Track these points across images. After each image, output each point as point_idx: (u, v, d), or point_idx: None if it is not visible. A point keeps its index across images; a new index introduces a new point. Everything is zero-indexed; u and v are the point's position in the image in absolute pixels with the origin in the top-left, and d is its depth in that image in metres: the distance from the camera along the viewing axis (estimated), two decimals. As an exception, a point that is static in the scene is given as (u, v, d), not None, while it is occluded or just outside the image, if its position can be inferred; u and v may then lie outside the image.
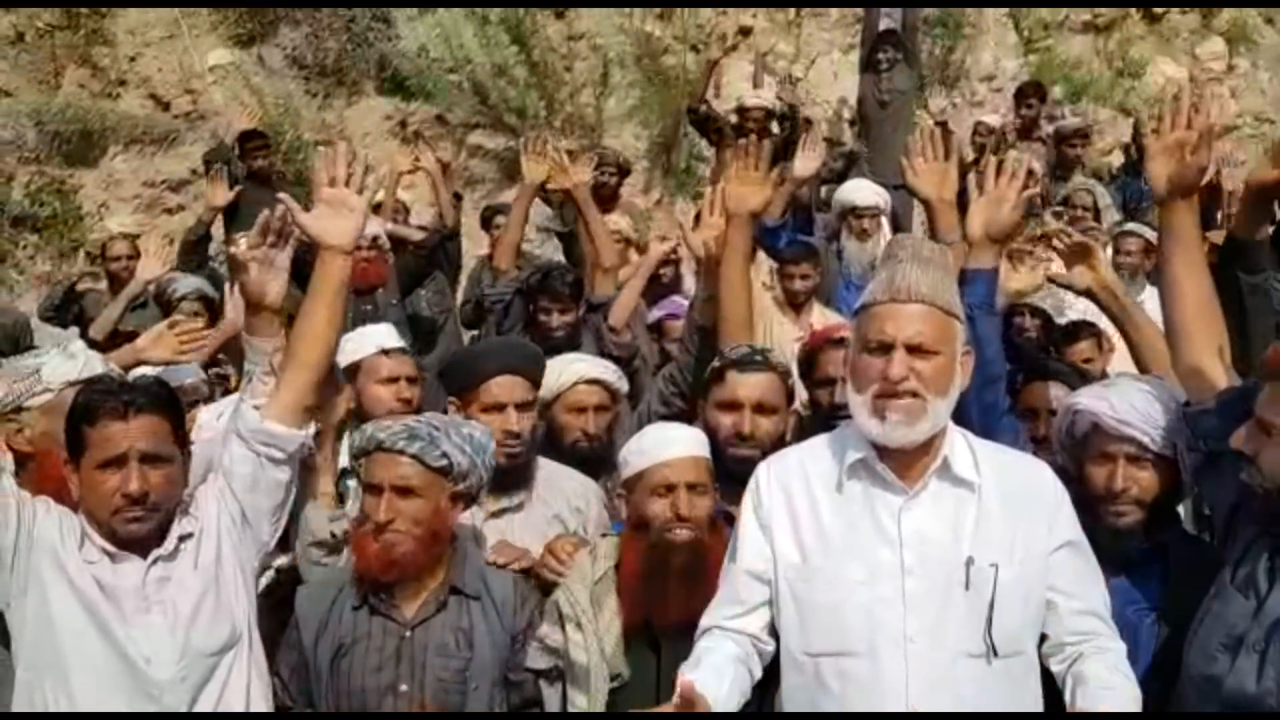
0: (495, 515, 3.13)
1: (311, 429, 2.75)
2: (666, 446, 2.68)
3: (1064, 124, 8.43)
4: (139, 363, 3.72)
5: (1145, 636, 2.45)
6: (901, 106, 7.98)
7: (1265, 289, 2.73)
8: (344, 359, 3.91)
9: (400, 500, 2.61)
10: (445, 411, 3.16)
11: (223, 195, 6.56)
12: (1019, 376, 3.35)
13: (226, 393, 4.18)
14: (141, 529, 2.49)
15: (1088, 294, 3.21)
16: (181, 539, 2.57)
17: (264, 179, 7.33)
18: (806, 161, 5.86)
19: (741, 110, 7.83)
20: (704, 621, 2.42)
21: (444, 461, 2.64)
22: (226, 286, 5.29)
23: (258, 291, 2.86)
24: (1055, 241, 3.30)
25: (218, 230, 6.92)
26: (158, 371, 3.73)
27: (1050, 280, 3.24)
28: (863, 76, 8.40)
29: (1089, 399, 2.62)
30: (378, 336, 3.87)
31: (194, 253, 6.65)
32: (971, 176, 3.02)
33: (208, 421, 3.37)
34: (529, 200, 5.78)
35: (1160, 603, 2.49)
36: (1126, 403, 2.54)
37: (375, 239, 5.51)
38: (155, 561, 2.52)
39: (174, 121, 9.36)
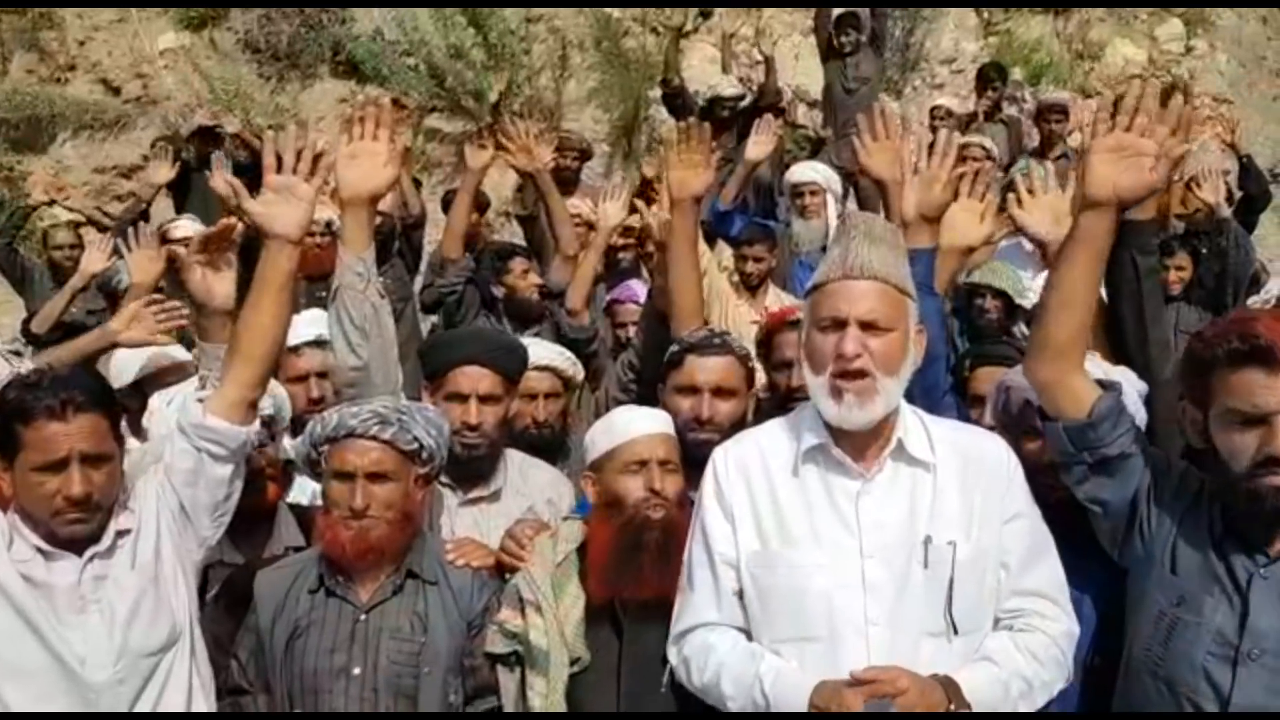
0: (469, 504, 3.10)
1: (256, 425, 2.68)
2: (636, 424, 2.67)
3: (1045, 98, 8.44)
4: (113, 346, 3.61)
5: (1087, 611, 2.45)
6: (869, 94, 7.97)
7: (1157, 270, 2.67)
8: None
9: (374, 485, 2.61)
10: (418, 396, 3.13)
11: (165, 173, 6.42)
12: (967, 360, 3.33)
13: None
14: (84, 530, 2.42)
15: (1039, 245, 3.19)
16: (119, 535, 2.49)
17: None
18: (758, 145, 5.87)
19: (715, 100, 7.81)
20: (688, 619, 2.38)
21: (415, 445, 2.67)
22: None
23: (204, 293, 2.78)
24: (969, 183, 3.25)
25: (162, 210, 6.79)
26: (153, 352, 3.64)
27: (1014, 223, 3.20)
28: (828, 64, 8.39)
29: (1019, 375, 2.61)
30: (309, 326, 3.76)
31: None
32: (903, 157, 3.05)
33: (158, 407, 3.29)
34: (474, 187, 5.75)
35: (1100, 576, 2.47)
36: None
37: (329, 224, 5.40)
38: (92, 559, 2.44)
39: (124, 107, 9.21)
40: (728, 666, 2.28)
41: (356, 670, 2.59)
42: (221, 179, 6.18)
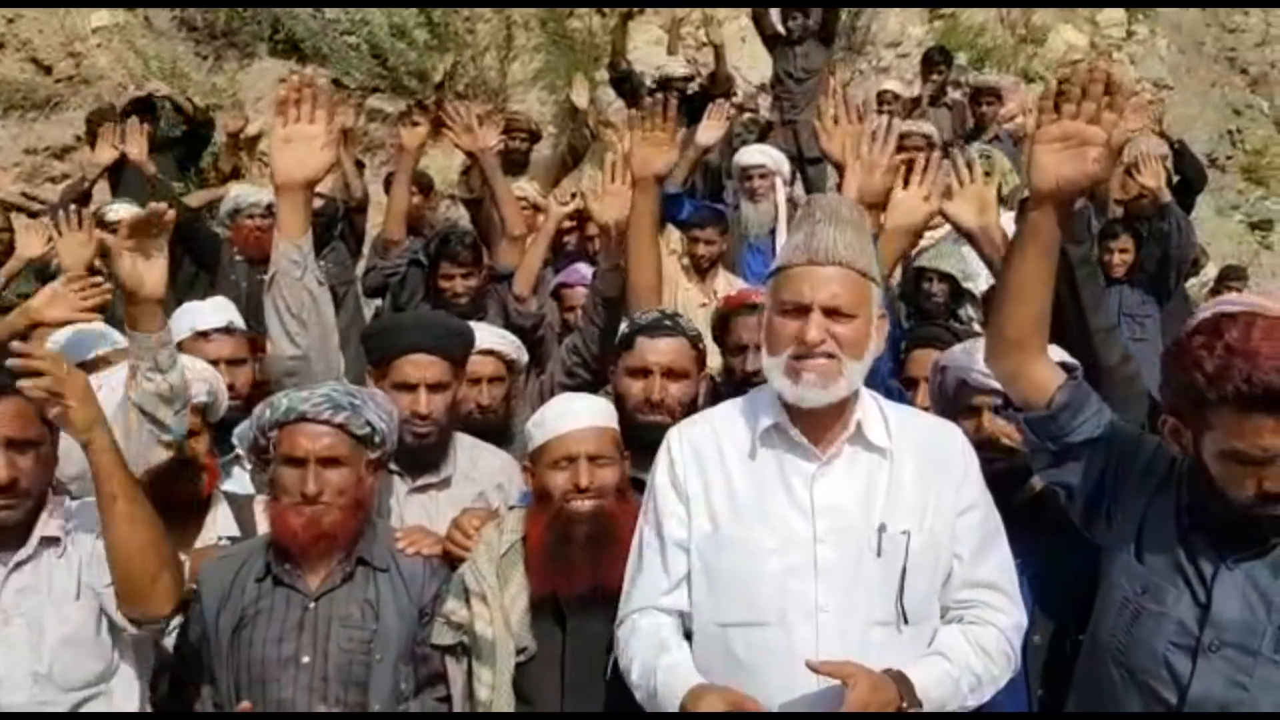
0: (418, 491, 3.07)
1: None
2: (566, 419, 2.63)
3: (977, 81, 8.52)
4: (34, 326, 3.49)
5: (1023, 590, 2.43)
6: (817, 84, 7.96)
7: (1090, 258, 2.68)
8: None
9: (326, 470, 2.58)
10: (362, 381, 3.08)
11: (109, 153, 6.26)
12: (904, 343, 3.37)
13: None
14: (11, 517, 2.35)
15: (968, 235, 3.19)
16: (46, 543, 2.40)
17: (154, 147, 7.03)
18: (709, 130, 5.85)
19: (665, 80, 7.77)
20: (636, 600, 2.35)
21: (367, 429, 2.65)
22: None
23: (134, 281, 2.69)
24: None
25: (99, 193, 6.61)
26: (69, 334, 3.52)
27: (942, 214, 3.19)
28: (775, 52, 8.38)
29: (955, 355, 2.66)
30: (195, 316, 3.70)
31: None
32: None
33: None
34: (411, 167, 5.70)
35: (1037, 554, 2.49)
36: None
37: (270, 206, 5.31)
38: (16, 568, 2.35)
39: (56, 86, 8.95)
40: (639, 654, 2.28)
41: (306, 659, 2.55)
42: (136, 150, 6.05)
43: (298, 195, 2.93)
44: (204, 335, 3.62)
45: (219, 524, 3.08)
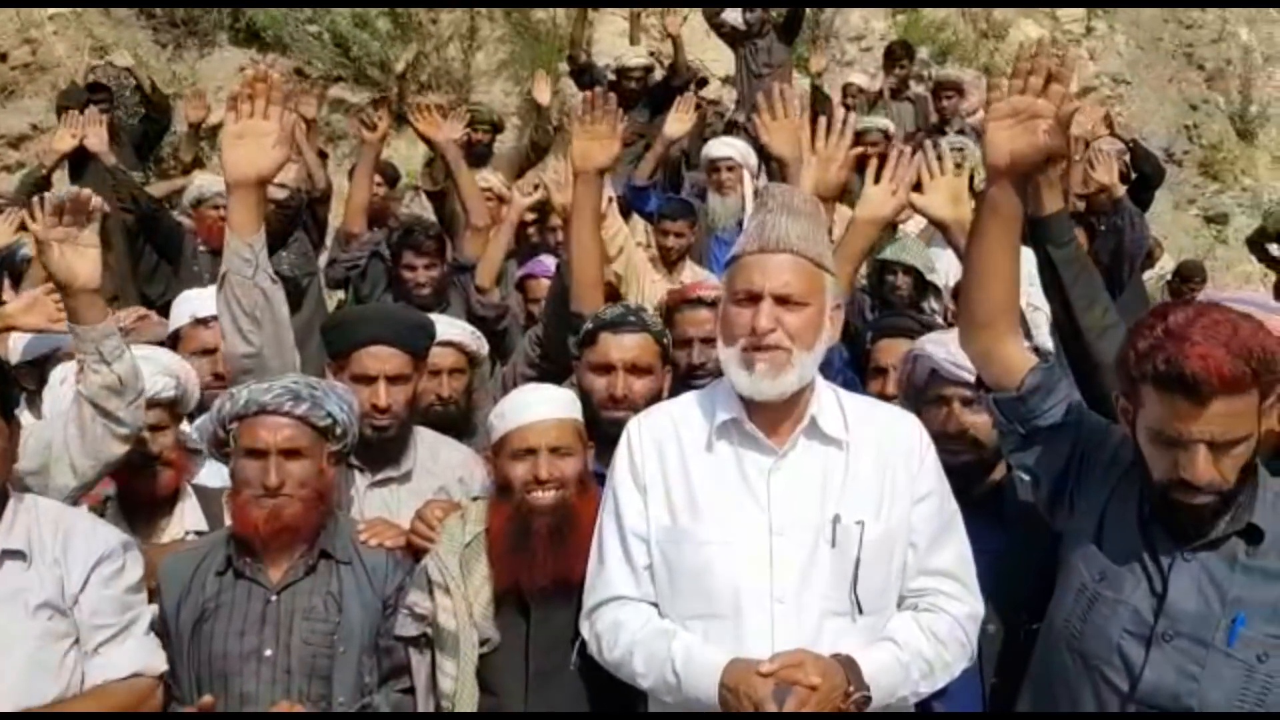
0: (379, 485, 3.05)
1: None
2: (526, 410, 2.62)
3: (939, 75, 8.59)
4: (7, 329, 3.46)
5: (981, 579, 2.46)
6: (780, 80, 7.99)
7: (1078, 257, 2.70)
8: (170, 325, 3.72)
9: (287, 462, 2.57)
10: (322, 374, 3.05)
11: (69, 141, 6.18)
12: (869, 333, 3.37)
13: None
14: None
15: (941, 227, 3.21)
16: (6, 555, 2.34)
17: (112, 136, 6.94)
18: (677, 123, 5.86)
19: (622, 70, 7.77)
20: (602, 591, 2.36)
21: (328, 421, 2.63)
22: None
23: (65, 273, 2.65)
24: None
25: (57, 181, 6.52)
26: (27, 339, 3.50)
27: (913, 206, 3.22)
28: (737, 48, 8.41)
29: (928, 345, 2.66)
30: (195, 303, 3.70)
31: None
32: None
33: (55, 383, 3.19)
34: (372, 160, 5.67)
35: (996, 544, 2.51)
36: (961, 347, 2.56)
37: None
38: None
39: (12, 74, 8.80)
40: (640, 644, 2.27)
41: (268, 652, 2.54)
42: (96, 140, 5.99)
43: (249, 193, 2.89)
44: (203, 322, 3.60)
45: (186, 519, 3.05)
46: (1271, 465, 2.21)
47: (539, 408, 2.63)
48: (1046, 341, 3.58)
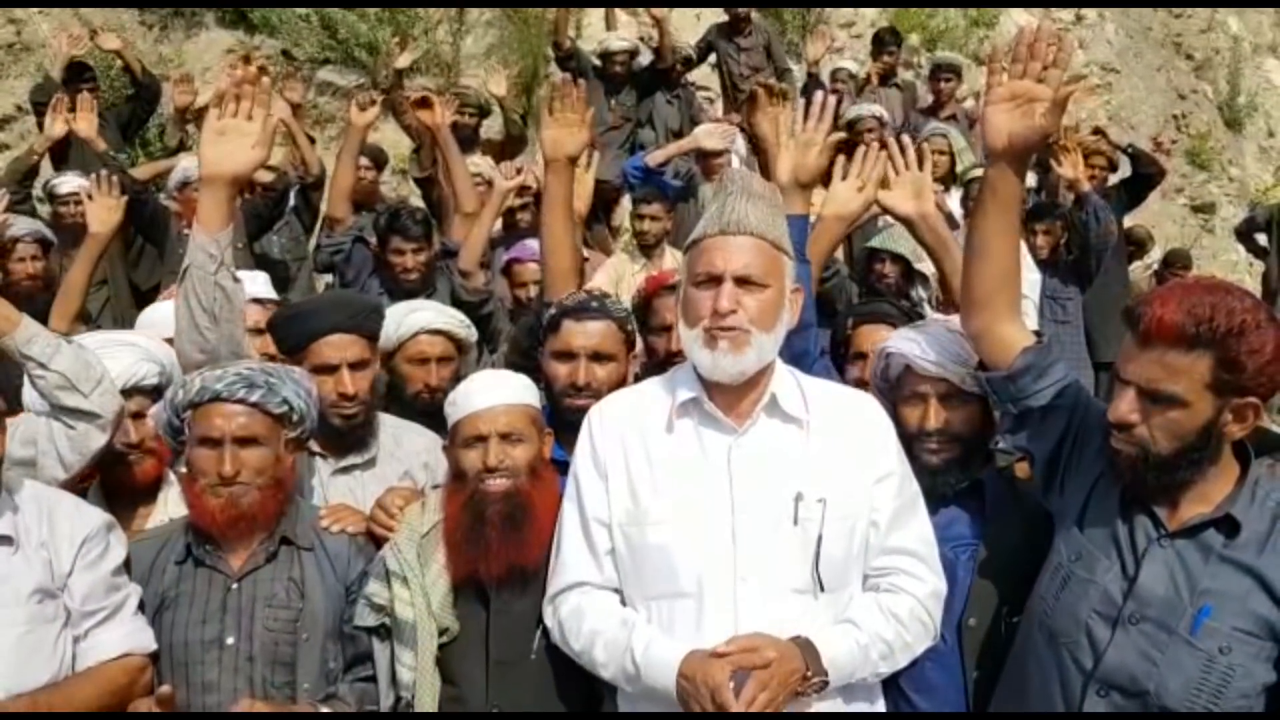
0: (342, 471, 3.04)
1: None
2: (477, 397, 2.61)
3: (937, 56, 8.63)
4: None
5: (962, 573, 2.50)
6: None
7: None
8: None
9: (243, 451, 2.55)
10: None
11: (60, 127, 6.14)
12: (850, 318, 3.37)
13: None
14: None
15: (906, 222, 3.21)
16: None
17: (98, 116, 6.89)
18: (713, 138, 6.00)
19: (606, 55, 7.77)
20: (564, 577, 2.37)
21: (284, 408, 2.62)
22: None
23: None
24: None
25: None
26: None
27: (877, 203, 3.22)
28: (720, 47, 8.45)
29: (900, 342, 2.66)
30: (254, 285, 3.75)
31: (20, 188, 6.21)
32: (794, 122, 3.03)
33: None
34: (357, 146, 5.65)
35: (976, 538, 2.53)
36: (937, 344, 2.58)
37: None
38: None
39: (-4, 54, 8.72)
40: (600, 634, 2.28)
41: (230, 640, 2.53)
42: (85, 125, 5.95)
43: (221, 189, 2.88)
44: (259, 301, 3.65)
45: (170, 506, 3.03)
46: None
47: (489, 394, 2.61)
48: (1032, 326, 3.61)
